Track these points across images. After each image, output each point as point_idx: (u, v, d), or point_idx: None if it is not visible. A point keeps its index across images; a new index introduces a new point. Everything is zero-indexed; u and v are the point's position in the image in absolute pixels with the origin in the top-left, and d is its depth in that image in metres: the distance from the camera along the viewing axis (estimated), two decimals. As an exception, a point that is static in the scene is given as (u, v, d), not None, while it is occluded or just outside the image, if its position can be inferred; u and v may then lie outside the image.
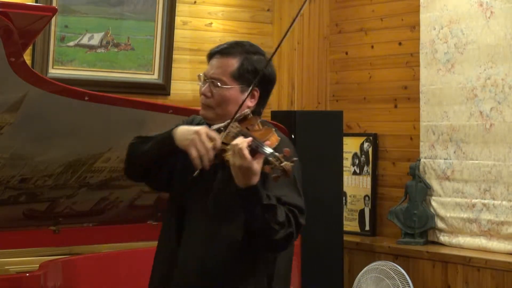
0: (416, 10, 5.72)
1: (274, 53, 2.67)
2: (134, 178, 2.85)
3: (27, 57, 4.59)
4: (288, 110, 6.06)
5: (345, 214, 5.92)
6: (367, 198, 6.01)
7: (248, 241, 2.56)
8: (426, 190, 5.63)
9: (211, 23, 6.03)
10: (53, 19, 5.13)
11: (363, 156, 6.06)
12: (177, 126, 2.72)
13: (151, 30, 5.66)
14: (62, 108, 3.28)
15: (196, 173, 2.52)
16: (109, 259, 3.53)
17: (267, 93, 2.72)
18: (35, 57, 5.23)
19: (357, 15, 6.20)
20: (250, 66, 2.66)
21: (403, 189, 5.71)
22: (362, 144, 6.08)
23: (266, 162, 2.41)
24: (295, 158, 2.39)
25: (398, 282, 5.17)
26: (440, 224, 5.57)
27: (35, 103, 3.17)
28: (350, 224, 6.02)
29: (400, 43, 5.93)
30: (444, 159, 5.55)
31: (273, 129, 2.57)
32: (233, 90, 2.65)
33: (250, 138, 2.43)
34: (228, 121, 2.59)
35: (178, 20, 5.79)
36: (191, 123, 2.77)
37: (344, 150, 5.71)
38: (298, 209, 2.57)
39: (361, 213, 6.05)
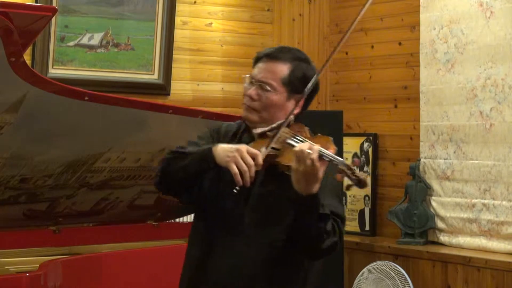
0: (416, 10, 5.72)
1: (326, 62, 2.74)
2: (167, 191, 2.83)
3: (27, 57, 4.59)
4: (288, 110, 6.05)
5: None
6: (367, 198, 6.01)
7: (290, 246, 2.55)
8: (426, 190, 5.63)
9: (211, 23, 6.03)
10: (53, 19, 5.13)
11: (363, 156, 6.06)
12: (201, 137, 2.75)
13: (151, 30, 5.66)
14: (62, 108, 3.27)
15: (236, 189, 2.49)
16: (109, 259, 3.53)
17: (310, 100, 2.76)
18: (35, 57, 5.23)
19: (357, 15, 6.19)
20: (300, 74, 2.70)
21: (403, 189, 5.71)
22: (362, 144, 6.08)
23: (338, 170, 2.40)
24: (366, 169, 2.43)
25: (398, 282, 5.17)
26: (440, 224, 5.57)
27: (35, 103, 3.16)
28: (350, 224, 6.02)
29: (400, 43, 5.93)
30: (444, 159, 5.55)
31: (331, 138, 2.58)
32: (281, 96, 2.67)
33: (319, 146, 2.42)
34: (273, 125, 2.62)
35: (178, 20, 5.79)
36: (218, 131, 2.78)
37: (344, 150, 5.71)
38: (341, 218, 2.60)
39: (361, 213, 6.05)
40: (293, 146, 2.49)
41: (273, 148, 2.54)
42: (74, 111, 3.33)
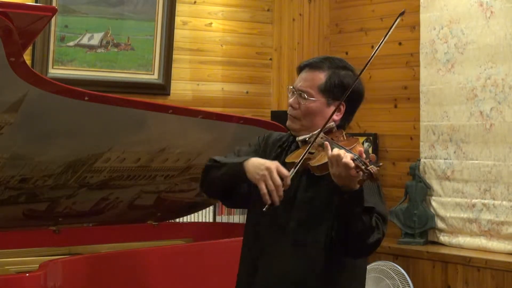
0: (416, 10, 5.72)
1: (364, 69, 2.78)
2: (213, 197, 3.10)
3: (27, 57, 4.59)
4: (288, 110, 6.05)
5: (345, 214, 5.91)
6: (367, 198, 6.01)
7: (336, 246, 2.61)
8: (426, 190, 5.63)
9: (211, 23, 6.03)
10: (53, 19, 5.13)
11: (363, 156, 6.05)
12: (250, 145, 2.87)
13: (151, 30, 5.66)
14: (62, 108, 3.27)
15: (266, 208, 2.54)
16: (109, 259, 3.53)
17: (353, 109, 2.82)
18: (35, 57, 5.23)
19: (357, 15, 6.20)
20: (337, 81, 2.76)
21: (403, 189, 5.71)
22: (362, 144, 6.06)
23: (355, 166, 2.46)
24: (380, 163, 2.46)
25: (398, 282, 5.17)
26: (440, 224, 5.57)
27: (35, 103, 3.16)
28: (350, 224, 6.01)
29: (400, 43, 5.93)
30: (444, 159, 5.55)
31: (359, 140, 2.66)
32: (318, 103, 2.74)
33: (351, 154, 2.47)
34: (314, 132, 2.68)
35: (178, 20, 5.79)
36: (267, 139, 2.87)
37: (344, 150, 5.70)
38: (383, 217, 2.62)
39: (361, 213, 6.04)
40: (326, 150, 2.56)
41: (310, 152, 2.62)
42: (74, 111, 3.33)
